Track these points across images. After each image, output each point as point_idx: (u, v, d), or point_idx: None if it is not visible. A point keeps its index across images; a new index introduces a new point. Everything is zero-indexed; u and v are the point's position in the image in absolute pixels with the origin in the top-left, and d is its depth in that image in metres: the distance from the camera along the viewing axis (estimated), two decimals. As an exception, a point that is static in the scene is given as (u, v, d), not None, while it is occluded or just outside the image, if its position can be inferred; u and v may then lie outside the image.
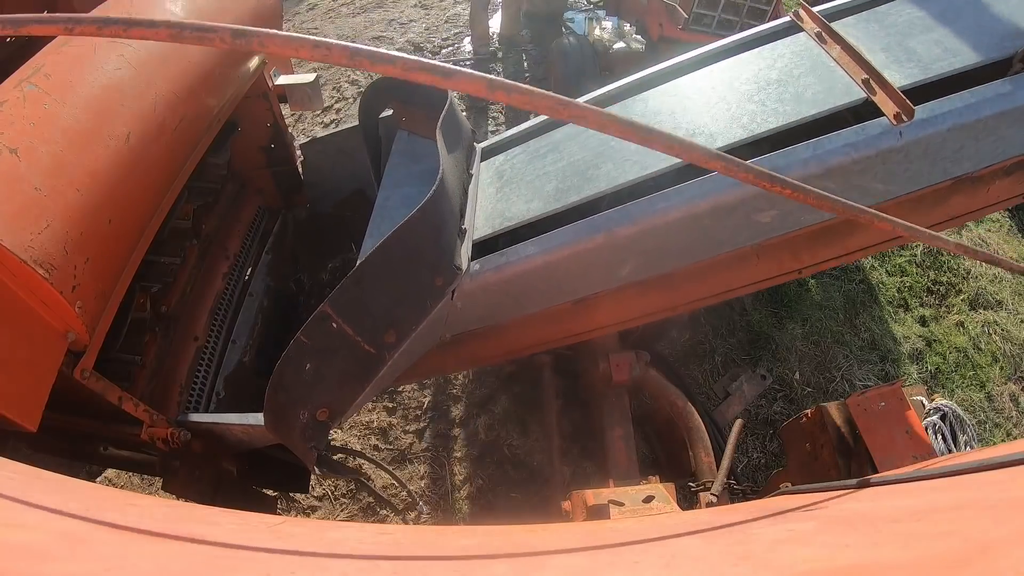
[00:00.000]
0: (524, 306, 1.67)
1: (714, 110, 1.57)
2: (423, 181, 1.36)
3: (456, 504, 2.66)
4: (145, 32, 0.55)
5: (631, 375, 2.07)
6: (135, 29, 0.55)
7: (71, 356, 1.19)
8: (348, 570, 0.48)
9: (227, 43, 0.54)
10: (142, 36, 0.55)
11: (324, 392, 1.35)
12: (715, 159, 0.63)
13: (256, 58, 1.87)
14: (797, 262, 1.61)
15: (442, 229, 1.47)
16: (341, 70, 4.85)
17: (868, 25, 1.60)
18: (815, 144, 1.40)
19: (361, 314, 1.34)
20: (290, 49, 0.54)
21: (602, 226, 1.48)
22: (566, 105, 0.57)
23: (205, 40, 0.54)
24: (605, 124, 0.58)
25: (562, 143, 1.77)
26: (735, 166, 0.63)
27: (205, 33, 0.54)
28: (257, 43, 0.54)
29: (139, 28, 0.55)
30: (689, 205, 1.43)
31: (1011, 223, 4.13)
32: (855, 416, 1.70)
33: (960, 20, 1.50)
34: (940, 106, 1.37)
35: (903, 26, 1.55)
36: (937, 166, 1.45)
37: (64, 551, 0.45)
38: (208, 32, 0.54)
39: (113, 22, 0.55)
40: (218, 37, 0.54)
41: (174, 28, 0.54)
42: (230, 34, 0.54)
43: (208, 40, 0.54)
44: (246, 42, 0.54)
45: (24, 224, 1.04)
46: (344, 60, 0.54)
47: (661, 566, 0.50)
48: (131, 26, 0.55)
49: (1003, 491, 0.55)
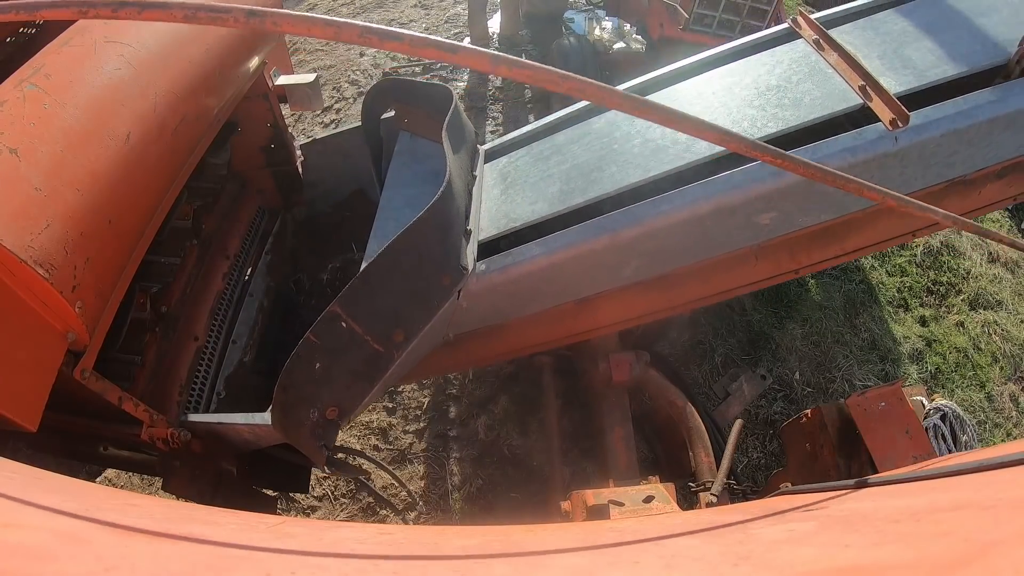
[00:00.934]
0: (528, 306, 1.69)
1: (715, 115, 1.59)
2: (426, 182, 1.37)
3: (456, 504, 2.66)
4: (159, 14, 0.56)
5: (631, 375, 2.07)
6: (149, 11, 0.55)
7: (71, 356, 1.19)
8: (348, 570, 0.48)
9: (241, 23, 0.55)
10: (156, 18, 0.56)
11: (334, 391, 1.36)
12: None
13: (256, 58, 1.86)
14: (794, 263, 1.65)
15: (449, 229, 1.48)
16: (341, 70, 4.85)
17: (865, 33, 1.64)
18: (813, 148, 1.43)
19: (370, 313, 1.35)
20: (303, 28, 0.56)
21: (607, 227, 1.50)
22: (566, 78, 0.59)
23: (219, 21, 0.55)
24: (605, 98, 0.60)
25: (565, 146, 1.79)
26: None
27: (219, 14, 0.55)
28: (271, 22, 0.55)
29: (153, 10, 0.56)
30: (692, 207, 1.46)
31: (1011, 223, 4.13)
32: (855, 416, 1.70)
33: (953, 29, 1.55)
34: (934, 112, 1.41)
35: (898, 34, 1.59)
36: (931, 170, 1.48)
37: (64, 551, 0.45)
38: (222, 13, 0.55)
39: (128, 4, 0.56)
40: (232, 17, 0.55)
41: (188, 10, 0.55)
42: (244, 14, 0.55)
43: (222, 20, 0.55)
44: (260, 22, 0.55)
45: (24, 224, 1.04)
46: (354, 38, 0.56)
47: (661, 566, 0.50)
48: (145, 8, 0.56)
49: (1003, 491, 0.55)
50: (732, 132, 0.64)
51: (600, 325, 1.75)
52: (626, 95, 0.60)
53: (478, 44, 4.98)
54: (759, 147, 0.66)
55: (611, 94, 0.60)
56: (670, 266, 1.62)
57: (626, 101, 0.60)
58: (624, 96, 0.60)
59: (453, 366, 2.06)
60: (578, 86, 0.59)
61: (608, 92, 0.60)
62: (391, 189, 1.89)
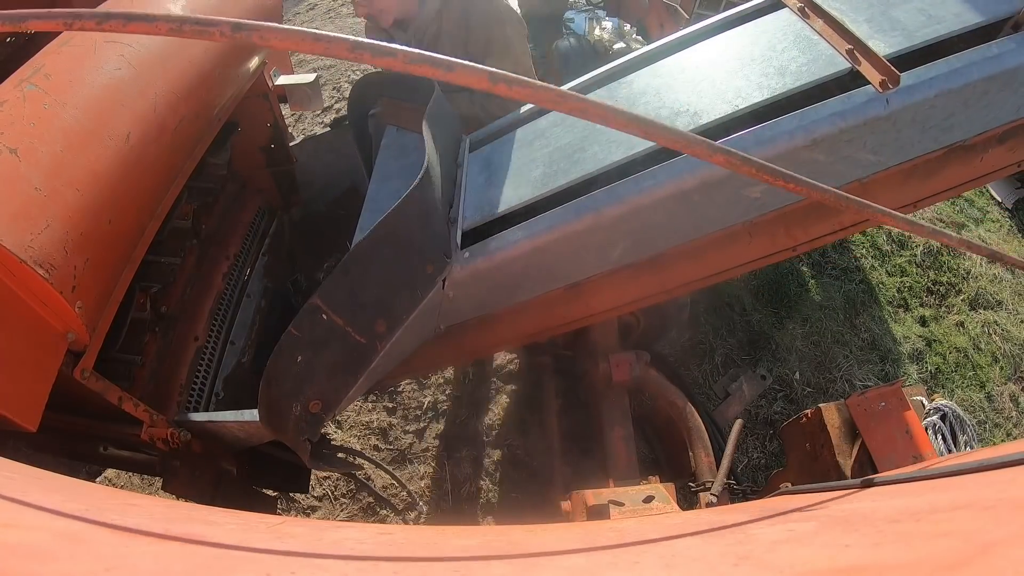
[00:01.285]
0: (517, 293, 1.66)
1: (699, 88, 1.56)
2: (412, 175, 1.37)
3: (456, 504, 2.66)
4: (145, 27, 0.55)
5: (631, 375, 2.07)
6: (134, 24, 0.55)
7: (71, 356, 1.19)
8: (348, 570, 0.48)
9: (227, 36, 0.54)
10: (142, 31, 0.55)
11: (316, 384, 1.36)
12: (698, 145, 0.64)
13: (256, 58, 1.86)
14: (791, 239, 1.58)
15: (430, 217, 1.47)
16: (341, 70, 4.85)
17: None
18: (800, 115, 1.38)
19: (351, 304, 1.34)
20: (290, 42, 0.54)
21: (589, 207, 1.47)
22: (567, 97, 0.58)
23: (205, 34, 0.54)
24: (607, 117, 0.59)
25: (548, 129, 1.77)
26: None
27: (205, 27, 0.54)
28: (257, 36, 0.54)
29: (138, 23, 0.55)
30: (676, 181, 1.42)
31: (1011, 223, 4.13)
32: (855, 416, 1.70)
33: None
34: (926, 72, 1.36)
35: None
36: (927, 134, 1.43)
37: (64, 551, 0.45)
38: (208, 26, 0.54)
39: (113, 17, 0.55)
40: (218, 31, 0.54)
41: (173, 23, 0.55)
42: (230, 28, 0.54)
43: (208, 34, 0.54)
44: (246, 36, 0.54)
45: (24, 224, 1.04)
46: (344, 53, 0.54)
47: (661, 566, 0.50)
48: (130, 20, 0.55)
49: (1003, 491, 0.55)
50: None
51: (594, 311, 1.72)
52: (631, 115, 0.59)
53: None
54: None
55: (615, 113, 0.59)
56: (660, 246, 1.58)
57: (632, 122, 0.59)
58: (629, 116, 0.59)
59: (447, 360, 2.04)
60: (580, 106, 0.58)
61: (612, 112, 0.58)
62: (377, 183, 1.88)
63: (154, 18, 0.55)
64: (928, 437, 1.71)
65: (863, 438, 1.66)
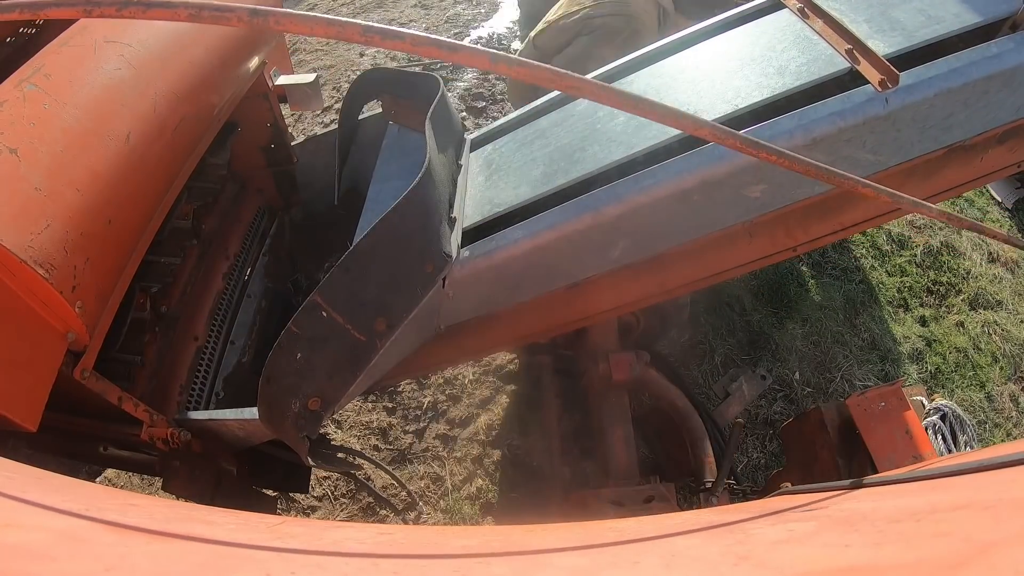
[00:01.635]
0: (517, 293, 1.66)
1: (699, 87, 1.57)
2: (412, 174, 1.37)
3: (456, 504, 2.66)
4: (164, 13, 0.57)
5: (631, 375, 2.07)
6: (154, 10, 0.57)
7: (71, 356, 1.19)
8: (348, 570, 0.48)
9: (244, 22, 0.57)
10: (162, 17, 0.57)
11: (315, 381, 1.36)
12: (704, 127, 0.65)
13: (256, 58, 1.87)
14: (791, 239, 1.58)
15: (430, 216, 1.47)
16: (341, 70, 4.85)
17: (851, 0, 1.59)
18: (800, 114, 1.38)
19: (351, 302, 1.34)
20: (305, 27, 0.58)
21: (588, 206, 1.47)
22: (563, 76, 0.60)
23: (223, 20, 0.57)
24: (600, 95, 0.61)
25: (549, 129, 1.77)
26: (722, 133, 0.65)
27: (223, 13, 0.57)
28: (274, 21, 0.57)
29: (158, 9, 0.57)
30: (676, 181, 1.41)
31: (1011, 223, 4.13)
32: (855, 416, 1.71)
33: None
34: (926, 71, 1.36)
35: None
36: (927, 134, 1.43)
37: (64, 551, 0.45)
38: (226, 12, 0.57)
39: (132, 4, 0.57)
40: (235, 16, 0.57)
41: (192, 9, 0.57)
42: (247, 13, 0.57)
43: (226, 20, 0.57)
44: (263, 21, 0.57)
45: (24, 224, 1.04)
46: (356, 37, 0.57)
47: (661, 566, 0.50)
48: (150, 7, 0.57)
49: (1003, 491, 0.55)
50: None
51: (594, 311, 1.72)
52: (623, 93, 0.61)
53: (477, 44, 4.99)
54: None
55: (607, 92, 0.60)
56: (660, 246, 1.58)
57: (624, 99, 0.60)
58: (621, 94, 0.60)
59: (448, 359, 2.03)
60: (575, 84, 0.60)
61: (605, 90, 0.60)
62: (378, 183, 1.89)
63: (173, 4, 0.57)
64: (928, 437, 1.71)
65: (863, 438, 1.66)
